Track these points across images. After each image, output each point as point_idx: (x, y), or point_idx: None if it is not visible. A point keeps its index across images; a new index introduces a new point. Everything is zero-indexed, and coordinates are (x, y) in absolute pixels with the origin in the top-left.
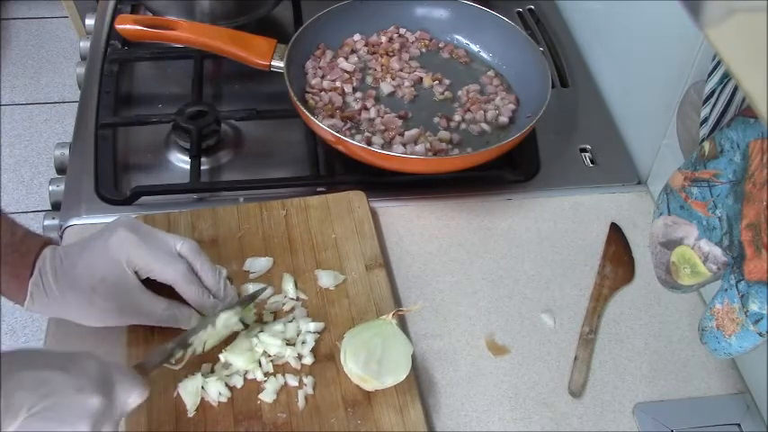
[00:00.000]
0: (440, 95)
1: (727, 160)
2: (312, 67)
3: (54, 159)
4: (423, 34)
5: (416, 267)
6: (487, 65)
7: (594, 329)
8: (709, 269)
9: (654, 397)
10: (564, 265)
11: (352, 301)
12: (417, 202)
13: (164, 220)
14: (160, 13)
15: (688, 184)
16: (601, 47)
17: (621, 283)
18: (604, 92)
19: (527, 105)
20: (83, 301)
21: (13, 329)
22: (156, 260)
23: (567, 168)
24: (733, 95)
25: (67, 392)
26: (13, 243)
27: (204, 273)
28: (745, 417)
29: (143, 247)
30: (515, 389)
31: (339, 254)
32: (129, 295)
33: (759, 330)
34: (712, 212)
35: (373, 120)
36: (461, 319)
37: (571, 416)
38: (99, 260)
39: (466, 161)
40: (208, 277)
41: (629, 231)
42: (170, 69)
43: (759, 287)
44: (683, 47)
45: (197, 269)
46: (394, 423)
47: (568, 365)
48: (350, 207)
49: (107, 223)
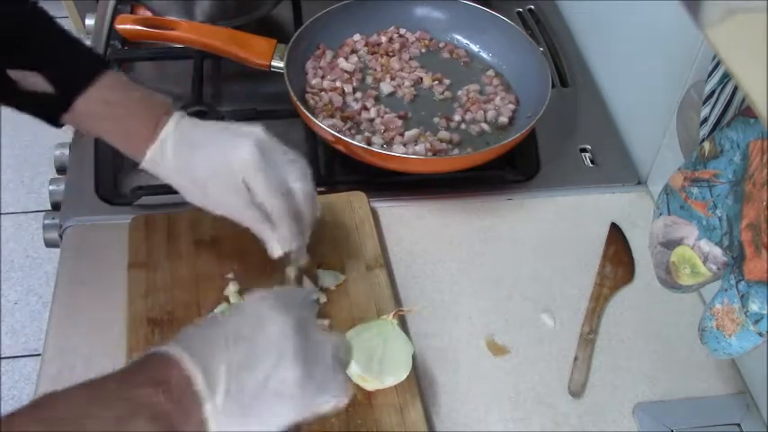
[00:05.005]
0: (440, 95)
1: (727, 160)
2: (312, 67)
3: (54, 159)
4: (423, 34)
5: (416, 267)
6: (487, 65)
7: (594, 329)
8: (709, 269)
9: (654, 397)
10: (564, 266)
11: (353, 301)
12: (417, 202)
13: (164, 220)
14: (160, 13)
15: (688, 184)
16: (601, 47)
17: (621, 283)
18: (604, 92)
19: (527, 105)
20: (194, 186)
21: (14, 329)
22: (266, 191)
23: (567, 168)
24: (733, 95)
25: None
26: (130, 105)
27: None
28: (745, 417)
29: (260, 175)
30: (515, 389)
31: (340, 254)
32: (236, 199)
33: (759, 330)
34: (712, 212)
35: (373, 120)
36: (461, 319)
37: (571, 416)
38: (218, 162)
39: (466, 161)
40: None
41: (629, 231)
42: (170, 69)
43: (759, 287)
44: (683, 47)
45: (296, 209)
46: (394, 423)
47: (568, 365)
48: (350, 207)
49: (243, 124)
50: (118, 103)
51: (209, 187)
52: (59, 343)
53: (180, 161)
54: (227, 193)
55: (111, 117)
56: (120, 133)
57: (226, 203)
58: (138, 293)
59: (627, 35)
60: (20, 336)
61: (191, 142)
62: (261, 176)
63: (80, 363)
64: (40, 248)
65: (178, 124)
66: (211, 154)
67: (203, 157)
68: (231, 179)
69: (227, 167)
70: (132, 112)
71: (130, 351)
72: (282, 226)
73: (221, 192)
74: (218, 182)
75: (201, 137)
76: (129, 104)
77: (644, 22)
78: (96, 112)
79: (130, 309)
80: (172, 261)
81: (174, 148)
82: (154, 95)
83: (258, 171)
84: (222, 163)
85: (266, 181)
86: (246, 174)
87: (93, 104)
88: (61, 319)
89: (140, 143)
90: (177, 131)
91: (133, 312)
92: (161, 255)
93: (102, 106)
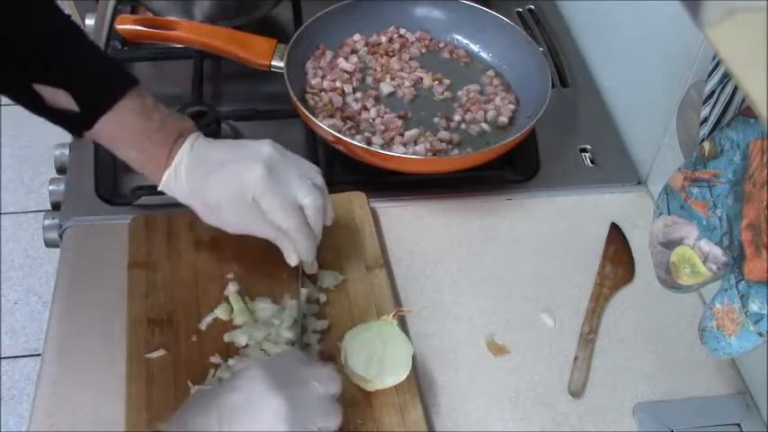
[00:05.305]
0: (440, 95)
1: (727, 160)
2: (312, 67)
3: (54, 159)
4: (423, 34)
5: (416, 267)
6: (487, 65)
7: (594, 329)
8: (709, 269)
9: (654, 397)
10: (564, 265)
11: (353, 302)
12: (417, 202)
13: (163, 220)
14: (160, 13)
15: (688, 184)
16: (601, 47)
17: (621, 283)
18: (604, 92)
19: (527, 105)
20: (207, 209)
21: (14, 329)
22: (277, 210)
23: (567, 168)
24: (733, 95)
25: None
26: (148, 130)
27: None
28: (745, 417)
29: (270, 196)
30: (515, 389)
31: (339, 254)
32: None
33: (759, 330)
34: (712, 212)
35: (373, 120)
36: (461, 319)
37: (571, 416)
38: (228, 186)
39: (466, 161)
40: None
41: (629, 231)
42: (170, 69)
43: (759, 287)
44: (683, 47)
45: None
46: (394, 423)
47: (568, 365)
48: (350, 207)
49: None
50: (136, 126)
51: (222, 210)
52: (59, 343)
53: (193, 186)
54: (240, 215)
55: (131, 140)
56: (138, 157)
57: (240, 225)
58: (137, 293)
59: (627, 35)
60: (20, 336)
61: (203, 166)
62: (270, 197)
63: (80, 363)
64: (40, 248)
65: (192, 148)
66: (222, 178)
67: (215, 181)
68: (242, 202)
69: (238, 191)
70: (149, 137)
71: (130, 351)
72: (299, 240)
73: (234, 215)
74: (230, 206)
75: (213, 160)
76: (147, 128)
77: (644, 22)
78: (116, 135)
79: (130, 309)
80: (172, 261)
81: (187, 172)
82: (171, 118)
83: (267, 192)
84: (232, 187)
85: (276, 200)
86: (256, 195)
87: (114, 127)
88: (61, 319)
89: (157, 168)
90: (191, 156)
91: (133, 312)
92: (161, 255)
93: (122, 129)
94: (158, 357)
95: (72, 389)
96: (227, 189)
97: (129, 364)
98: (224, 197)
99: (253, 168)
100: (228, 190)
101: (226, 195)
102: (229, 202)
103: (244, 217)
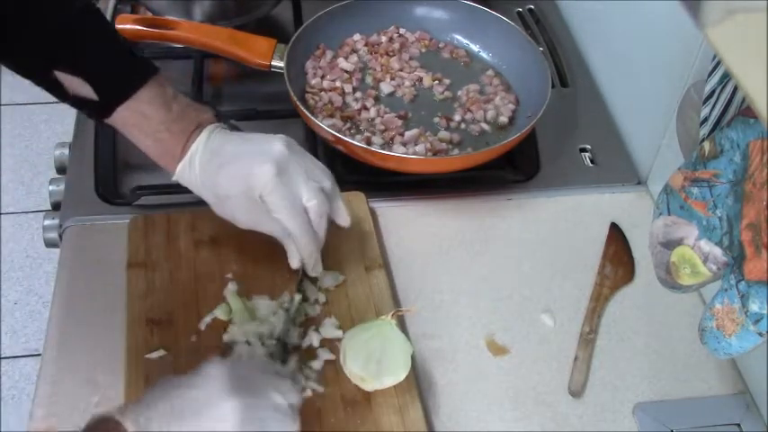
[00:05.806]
0: (440, 95)
1: (727, 160)
2: (312, 67)
3: (54, 159)
4: (423, 34)
5: (416, 267)
6: (487, 65)
7: (594, 329)
8: (709, 269)
9: (654, 397)
10: (564, 265)
11: (352, 302)
12: (417, 202)
13: (163, 220)
14: (160, 13)
15: (688, 184)
16: (601, 47)
17: (621, 283)
18: (604, 92)
19: (527, 105)
20: (218, 201)
21: (14, 329)
22: (282, 210)
23: (567, 168)
24: (733, 95)
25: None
26: (166, 120)
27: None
28: (745, 417)
29: (276, 192)
30: (515, 389)
31: (339, 254)
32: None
33: (759, 330)
34: (712, 212)
35: (373, 120)
36: (461, 319)
37: (571, 416)
38: (238, 181)
39: (466, 161)
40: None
41: (629, 231)
42: (170, 69)
43: (759, 287)
44: (683, 47)
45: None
46: (394, 423)
47: (568, 365)
48: (350, 208)
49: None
50: (155, 116)
51: (231, 204)
52: (59, 343)
53: (205, 178)
54: (248, 211)
55: (148, 129)
56: (154, 147)
57: (248, 220)
58: (137, 293)
59: (627, 35)
60: (20, 336)
61: (217, 158)
62: (275, 197)
63: (80, 363)
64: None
65: (208, 140)
66: (233, 172)
67: (226, 174)
68: (250, 198)
69: (246, 187)
70: (167, 128)
71: (129, 351)
72: (301, 241)
73: (242, 209)
74: (238, 200)
75: (226, 153)
76: (166, 119)
77: (644, 21)
78: (135, 123)
79: (130, 309)
80: (171, 261)
81: (201, 163)
82: (191, 108)
83: (273, 191)
84: (241, 183)
85: (281, 201)
86: (263, 193)
87: (133, 115)
88: (61, 319)
89: (172, 158)
90: (206, 148)
91: (132, 312)
92: (160, 255)
93: (141, 118)
94: (158, 357)
95: (72, 389)
96: (237, 184)
97: (128, 364)
98: (233, 192)
99: (263, 166)
100: (238, 185)
101: (235, 190)
102: (238, 196)
103: (251, 213)
